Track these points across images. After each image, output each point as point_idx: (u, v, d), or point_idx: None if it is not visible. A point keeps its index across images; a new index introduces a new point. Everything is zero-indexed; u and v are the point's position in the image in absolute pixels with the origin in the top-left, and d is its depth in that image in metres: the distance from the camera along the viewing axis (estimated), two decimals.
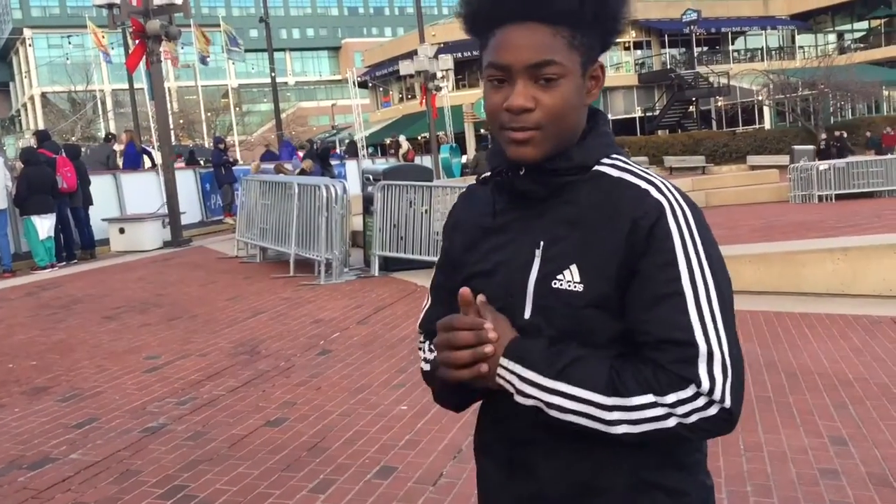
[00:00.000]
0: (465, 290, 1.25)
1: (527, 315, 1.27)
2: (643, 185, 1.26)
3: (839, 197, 17.55)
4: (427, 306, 1.52)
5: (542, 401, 1.22)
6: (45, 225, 11.89)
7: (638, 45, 46.96)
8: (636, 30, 45.34)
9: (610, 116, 48.46)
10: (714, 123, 43.66)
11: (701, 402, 1.17)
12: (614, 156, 1.32)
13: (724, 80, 41.27)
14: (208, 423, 4.84)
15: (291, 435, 4.56)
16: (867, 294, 7.18)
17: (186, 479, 3.99)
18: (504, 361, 1.24)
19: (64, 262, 12.59)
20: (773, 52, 47.58)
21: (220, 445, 4.44)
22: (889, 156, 21.24)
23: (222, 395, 5.40)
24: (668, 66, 45.78)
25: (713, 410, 1.18)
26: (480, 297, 1.28)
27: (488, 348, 1.22)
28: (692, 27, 43.38)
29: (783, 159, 26.38)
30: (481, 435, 1.44)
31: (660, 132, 40.87)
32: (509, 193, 1.33)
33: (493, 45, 1.26)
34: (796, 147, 25.80)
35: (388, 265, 9.96)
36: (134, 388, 5.64)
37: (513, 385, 1.24)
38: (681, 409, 1.18)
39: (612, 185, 1.27)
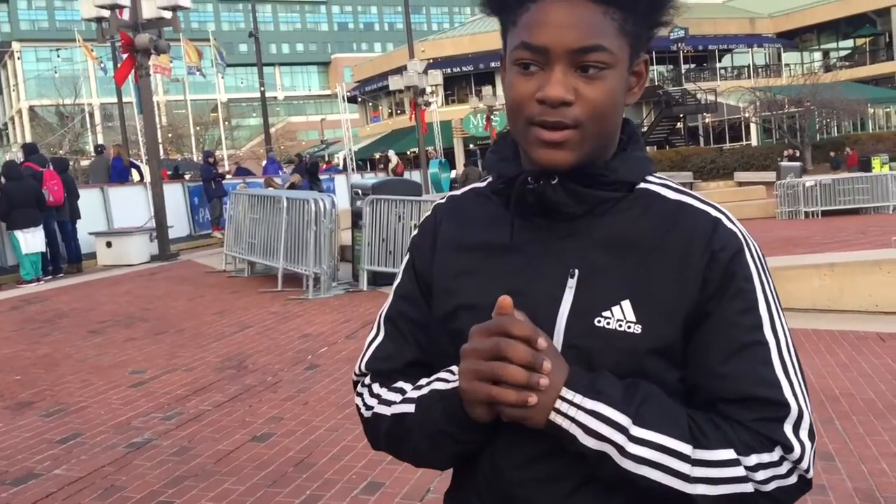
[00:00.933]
0: (505, 300, 0.97)
1: None
2: (713, 212, 1.06)
3: (825, 213, 17.68)
4: (377, 341, 1.21)
5: (618, 446, 0.98)
6: (29, 239, 11.81)
7: None
8: None
9: None
10: (701, 140, 43.98)
11: (784, 468, 1.00)
12: (658, 175, 1.13)
13: (711, 97, 41.59)
14: (194, 438, 4.80)
15: (278, 450, 4.52)
16: (853, 310, 7.22)
17: (172, 495, 3.95)
18: (570, 394, 0.98)
19: (50, 276, 12.51)
20: (760, 70, 48.06)
21: (205, 461, 4.41)
22: (873, 172, 21.42)
23: (208, 409, 5.36)
24: (656, 83, 46.08)
25: (793, 479, 1.01)
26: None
27: (544, 380, 0.96)
28: (680, 44, 43.73)
29: (770, 176, 26.55)
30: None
31: (648, 148, 41.06)
32: (527, 207, 1.08)
33: (526, 22, 1.02)
34: (783, 163, 25.99)
35: (377, 279, 9.94)
36: (119, 403, 5.60)
37: (581, 425, 0.98)
38: (761, 475, 0.99)
39: (674, 208, 1.07)
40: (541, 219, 1.08)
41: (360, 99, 51.77)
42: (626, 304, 1.02)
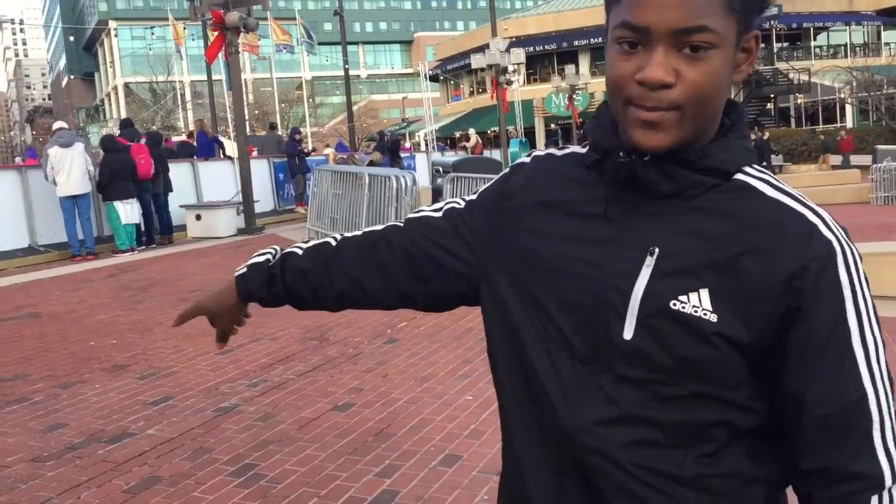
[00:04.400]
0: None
1: (627, 335, 1.03)
2: (810, 216, 1.02)
3: None
4: (433, 212, 1.28)
5: None
6: (126, 210, 12.30)
7: None
8: None
9: None
10: (793, 121, 42.45)
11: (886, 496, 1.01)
12: (757, 167, 1.08)
13: (804, 77, 40.05)
14: (278, 405, 4.96)
15: (358, 420, 4.63)
16: None
17: (256, 459, 4.09)
18: None
19: (143, 246, 13.02)
20: (858, 49, 45.96)
21: (289, 427, 4.55)
22: None
23: (292, 378, 5.51)
24: None
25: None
26: None
27: None
28: (772, 22, 42.18)
29: (865, 159, 25.48)
30: None
31: None
32: (618, 180, 1.08)
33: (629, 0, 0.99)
34: (880, 147, 24.89)
35: None
36: (207, 369, 5.81)
37: None
38: None
39: (771, 207, 1.03)
40: (630, 193, 1.06)
41: (441, 77, 51.87)
42: (705, 293, 1.01)
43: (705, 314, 1.00)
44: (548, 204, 1.14)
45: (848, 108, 41.15)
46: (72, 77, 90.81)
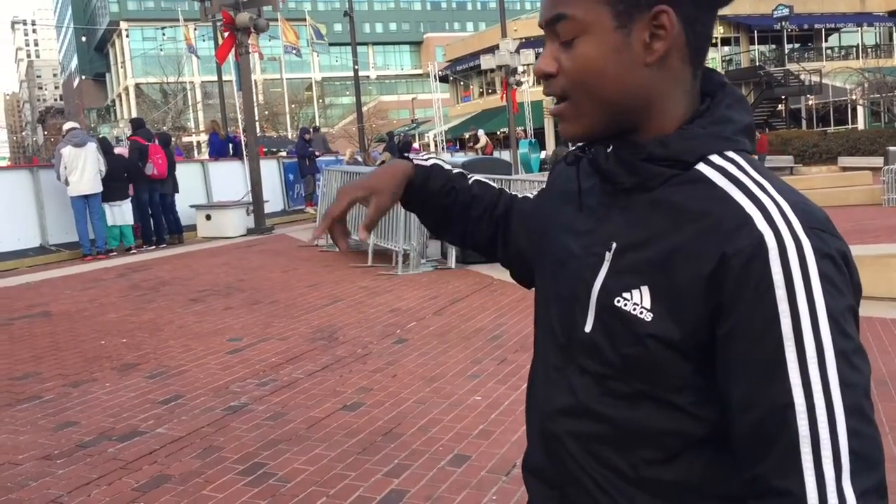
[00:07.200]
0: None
1: (587, 328, 1.02)
2: (748, 207, 0.92)
3: None
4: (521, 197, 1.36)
5: None
6: (113, 212, 12.38)
7: (726, 42, 45.77)
8: (724, 25, 44.20)
9: None
10: (804, 123, 42.26)
11: None
12: (731, 153, 0.99)
13: (815, 79, 39.86)
14: (287, 404, 4.97)
15: (367, 420, 4.63)
16: None
17: (266, 458, 4.10)
18: None
19: (154, 246, 13.09)
20: (870, 50, 45.70)
21: (298, 426, 4.55)
22: None
23: (301, 378, 5.52)
24: (757, 63, 44.48)
25: None
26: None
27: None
28: (783, 23, 42.05)
29: (877, 161, 25.35)
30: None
31: None
32: (598, 174, 1.08)
33: None
34: (891, 148, 24.74)
35: (465, 257, 9.99)
36: (217, 368, 5.83)
37: None
38: None
39: (709, 199, 0.95)
40: (607, 186, 1.06)
41: (451, 78, 51.83)
42: (646, 290, 0.97)
43: (642, 313, 0.96)
44: (561, 196, 1.18)
45: (859, 110, 40.93)
46: (83, 78, 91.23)
